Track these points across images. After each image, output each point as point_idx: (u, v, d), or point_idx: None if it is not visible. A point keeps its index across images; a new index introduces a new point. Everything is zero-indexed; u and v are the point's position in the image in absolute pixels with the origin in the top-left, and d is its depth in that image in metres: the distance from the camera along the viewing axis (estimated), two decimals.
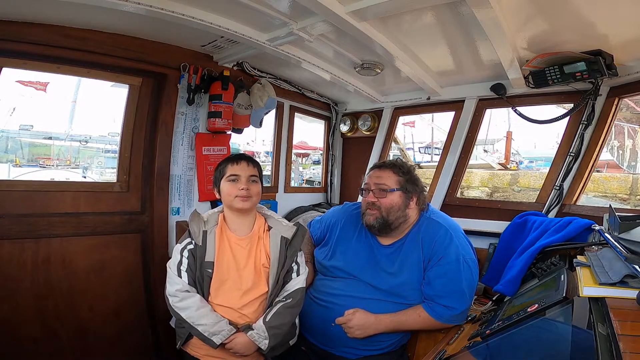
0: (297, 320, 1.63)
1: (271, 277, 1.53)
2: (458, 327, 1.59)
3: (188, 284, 1.46)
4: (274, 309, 1.48)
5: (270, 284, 1.53)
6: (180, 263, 1.48)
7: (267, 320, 1.44)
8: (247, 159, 1.59)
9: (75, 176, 10.35)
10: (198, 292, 1.48)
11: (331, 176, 3.47)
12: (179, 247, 1.52)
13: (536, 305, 1.16)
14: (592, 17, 1.57)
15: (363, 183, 1.76)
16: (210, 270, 1.48)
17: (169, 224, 2.29)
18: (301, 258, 1.63)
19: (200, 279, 1.48)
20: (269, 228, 1.60)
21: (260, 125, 2.59)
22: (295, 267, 1.59)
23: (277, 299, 1.52)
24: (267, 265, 1.54)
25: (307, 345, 1.70)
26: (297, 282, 1.56)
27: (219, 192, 1.59)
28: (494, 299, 1.76)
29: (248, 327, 1.45)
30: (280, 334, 1.46)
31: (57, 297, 1.93)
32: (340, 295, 1.67)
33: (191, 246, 1.51)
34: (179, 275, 1.47)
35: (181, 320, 1.44)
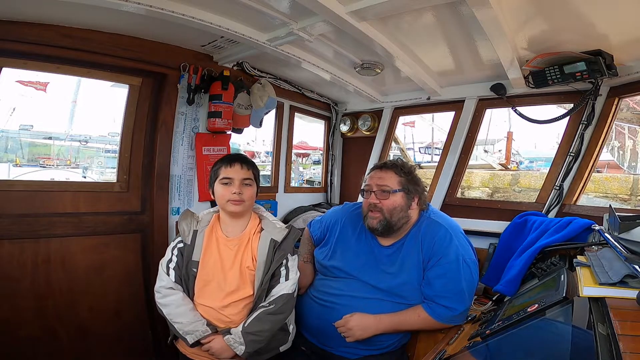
0: (291, 327, 1.60)
1: (256, 280, 1.52)
2: (458, 327, 1.58)
3: (174, 281, 1.50)
4: (254, 315, 1.45)
5: (256, 287, 1.51)
6: (169, 261, 1.53)
7: (245, 325, 1.43)
8: (242, 160, 1.57)
9: (75, 176, 10.35)
10: (184, 291, 1.50)
11: (331, 176, 3.47)
12: (171, 244, 1.57)
13: (536, 305, 1.16)
14: (592, 17, 1.57)
15: (364, 184, 1.75)
16: (195, 270, 1.50)
17: (169, 224, 2.29)
18: (292, 262, 1.58)
19: (186, 278, 1.51)
20: (261, 230, 1.58)
21: (260, 125, 2.59)
22: (283, 272, 1.54)
23: (261, 304, 1.49)
24: (252, 268, 1.52)
25: (307, 345, 1.70)
26: (283, 288, 1.51)
27: (213, 193, 1.58)
28: (494, 299, 1.76)
29: (227, 331, 1.44)
30: (258, 340, 1.42)
31: (57, 297, 1.93)
32: (340, 295, 1.67)
33: (181, 245, 1.54)
34: (167, 273, 1.51)
35: (164, 317, 1.47)
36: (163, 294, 1.48)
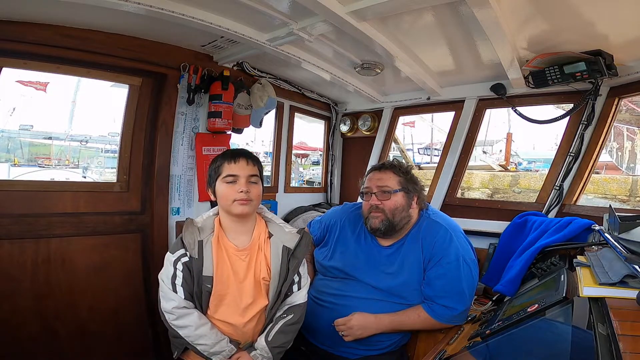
0: None
1: (271, 291, 1.41)
2: (458, 327, 1.59)
3: (185, 298, 1.34)
4: (276, 327, 1.39)
5: (271, 297, 1.42)
6: (174, 276, 1.34)
7: (269, 339, 1.37)
8: (247, 155, 1.42)
9: (75, 176, 10.34)
10: (196, 307, 1.37)
11: (331, 176, 3.47)
12: (171, 258, 1.37)
13: (536, 305, 1.16)
14: (592, 17, 1.57)
15: (363, 186, 1.75)
16: (209, 286, 1.35)
17: (169, 224, 2.29)
18: (303, 268, 1.51)
19: (199, 294, 1.36)
20: (270, 235, 1.45)
21: (260, 125, 2.59)
22: (296, 279, 1.46)
23: (278, 314, 1.43)
24: (267, 278, 1.41)
25: (307, 345, 1.70)
26: (299, 297, 1.46)
27: (213, 193, 1.42)
28: (494, 299, 1.76)
29: (251, 347, 1.39)
30: (283, 351, 1.40)
31: (57, 297, 1.92)
32: (340, 296, 1.67)
33: (186, 259, 1.35)
34: (174, 290, 1.33)
35: (179, 337, 1.35)
36: (177, 315, 1.32)
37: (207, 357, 1.34)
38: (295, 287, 1.47)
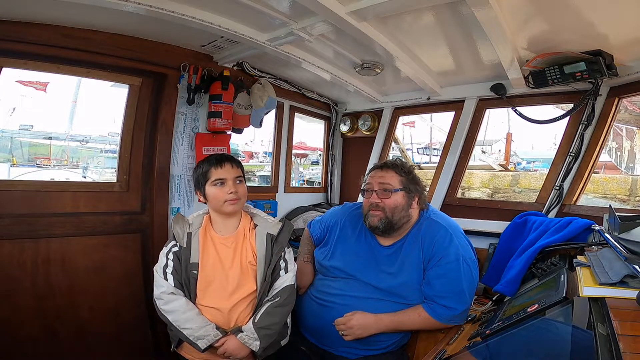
0: (288, 320, 1.61)
1: (259, 275, 1.51)
2: (458, 327, 1.58)
3: (174, 286, 1.45)
4: (263, 309, 1.46)
5: (258, 281, 1.51)
6: (165, 266, 1.48)
7: (255, 321, 1.43)
8: (230, 160, 1.57)
9: (75, 176, 10.35)
10: (185, 295, 1.46)
11: (331, 176, 3.47)
12: (164, 250, 1.52)
13: (536, 305, 1.16)
14: (592, 17, 1.57)
15: (364, 184, 1.75)
16: (195, 272, 1.47)
17: (169, 224, 2.29)
18: (289, 255, 1.61)
19: (187, 281, 1.47)
20: (255, 226, 1.58)
21: (260, 125, 2.60)
22: (282, 265, 1.57)
23: (266, 299, 1.50)
24: (254, 262, 1.52)
25: (306, 345, 1.70)
26: (285, 279, 1.54)
27: (203, 195, 1.56)
28: (494, 299, 1.76)
29: (238, 330, 1.43)
30: (271, 334, 1.44)
31: (57, 297, 1.93)
32: (340, 295, 1.67)
33: (176, 249, 1.50)
34: (165, 278, 1.46)
35: (168, 324, 1.43)
36: (165, 300, 1.43)
37: (193, 342, 1.38)
38: (282, 272, 1.56)
